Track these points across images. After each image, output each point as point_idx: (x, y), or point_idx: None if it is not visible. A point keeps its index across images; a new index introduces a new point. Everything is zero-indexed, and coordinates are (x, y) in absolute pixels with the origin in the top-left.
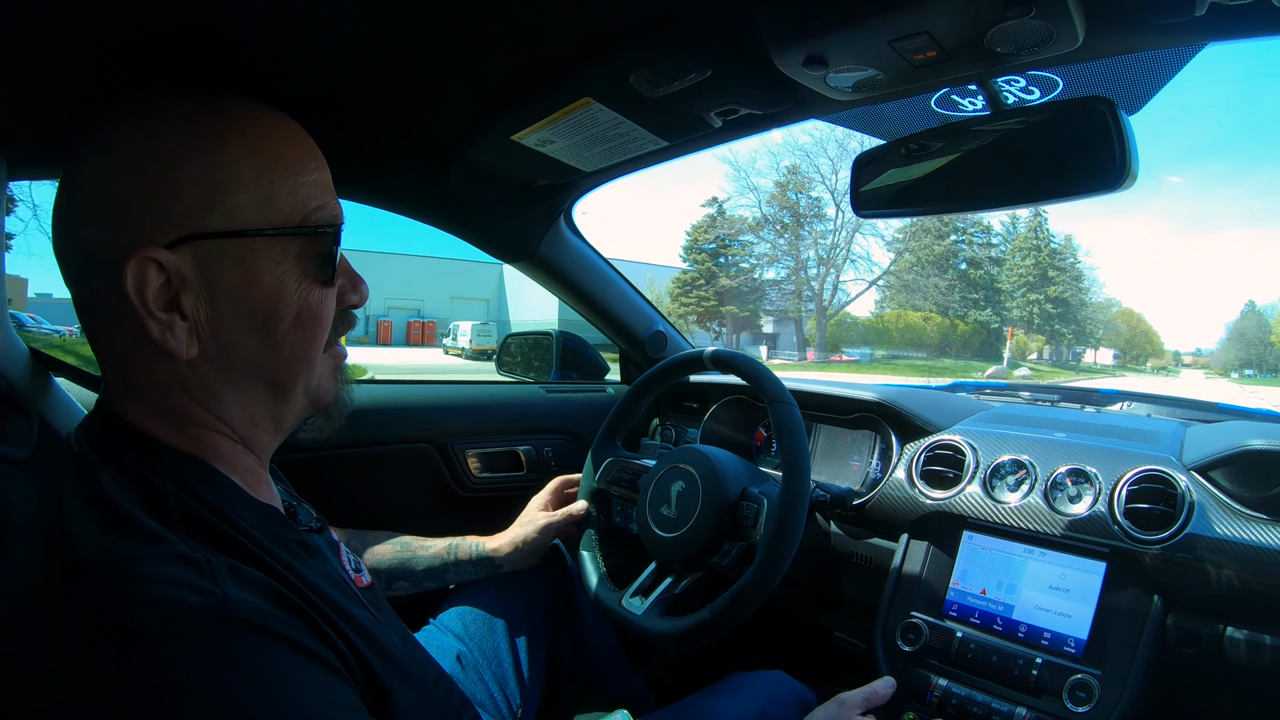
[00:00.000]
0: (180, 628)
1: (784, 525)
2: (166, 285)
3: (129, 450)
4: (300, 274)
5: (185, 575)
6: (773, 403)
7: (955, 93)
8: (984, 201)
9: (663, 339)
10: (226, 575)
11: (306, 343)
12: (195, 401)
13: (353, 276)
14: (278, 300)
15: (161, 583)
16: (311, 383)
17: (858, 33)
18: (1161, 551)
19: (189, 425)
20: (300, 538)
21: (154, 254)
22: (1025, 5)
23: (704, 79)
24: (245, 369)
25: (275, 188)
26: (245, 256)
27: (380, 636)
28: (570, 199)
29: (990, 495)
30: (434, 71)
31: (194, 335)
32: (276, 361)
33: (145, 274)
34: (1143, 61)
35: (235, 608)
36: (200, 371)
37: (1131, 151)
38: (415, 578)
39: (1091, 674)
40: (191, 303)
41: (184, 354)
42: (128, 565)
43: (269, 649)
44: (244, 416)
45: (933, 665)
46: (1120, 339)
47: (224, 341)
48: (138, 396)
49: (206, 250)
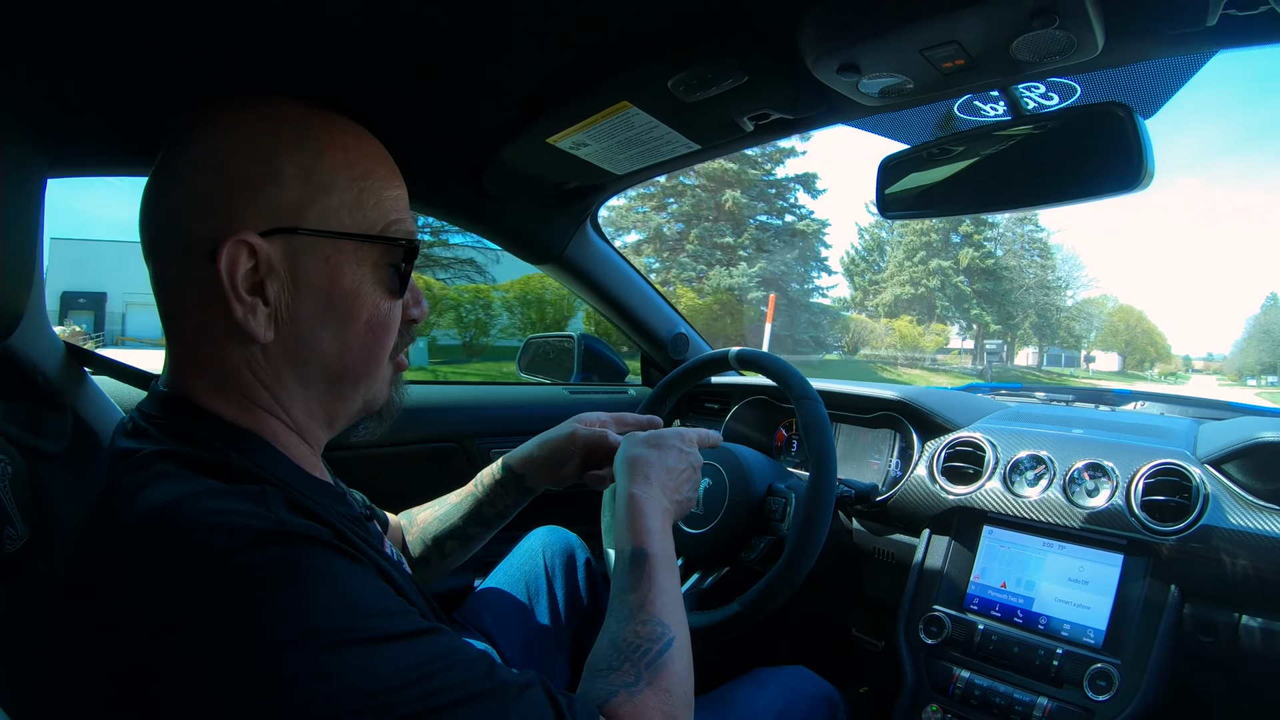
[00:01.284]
0: (242, 543)
1: (813, 516)
2: (254, 270)
3: (190, 423)
4: (375, 280)
5: (242, 505)
6: (799, 399)
7: (978, 99)
8: (1006, 202)
9: (685, 341)
10: (281, 505)
11: (375, 346)
12: (261, 385)
13: (415, 293)
14: (354, 301)
15: (220, 513)
16: (372, 387)
17: (892, 41)
18: (1178, 542)
19: (250, 405)
20: (355, 514)
21: (249, 238)
22: (1049, 16)
23: (740, 84)
24: (315, 361)
25: (365, 196)
26: (331, 255)
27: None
28: (598, 202)
29: (1010, 490)
30: (473, 73)
31: (273, 321)
32: (345, 359)
33: (238, 257)
34: (1157, 68)
35: (291, 526)
36: (273, 357)
37: (1148, 154)
38: (459, 532)
39: (1111, 663)
40: (275, 290)
41: (261, 337)
42: (189, 509)
43: (326, 555)
44: (303, 407)
45: (955, 658)
46: (1118, 340)
47: (299, 331)
48: (204, 375)
49: (297, 243)
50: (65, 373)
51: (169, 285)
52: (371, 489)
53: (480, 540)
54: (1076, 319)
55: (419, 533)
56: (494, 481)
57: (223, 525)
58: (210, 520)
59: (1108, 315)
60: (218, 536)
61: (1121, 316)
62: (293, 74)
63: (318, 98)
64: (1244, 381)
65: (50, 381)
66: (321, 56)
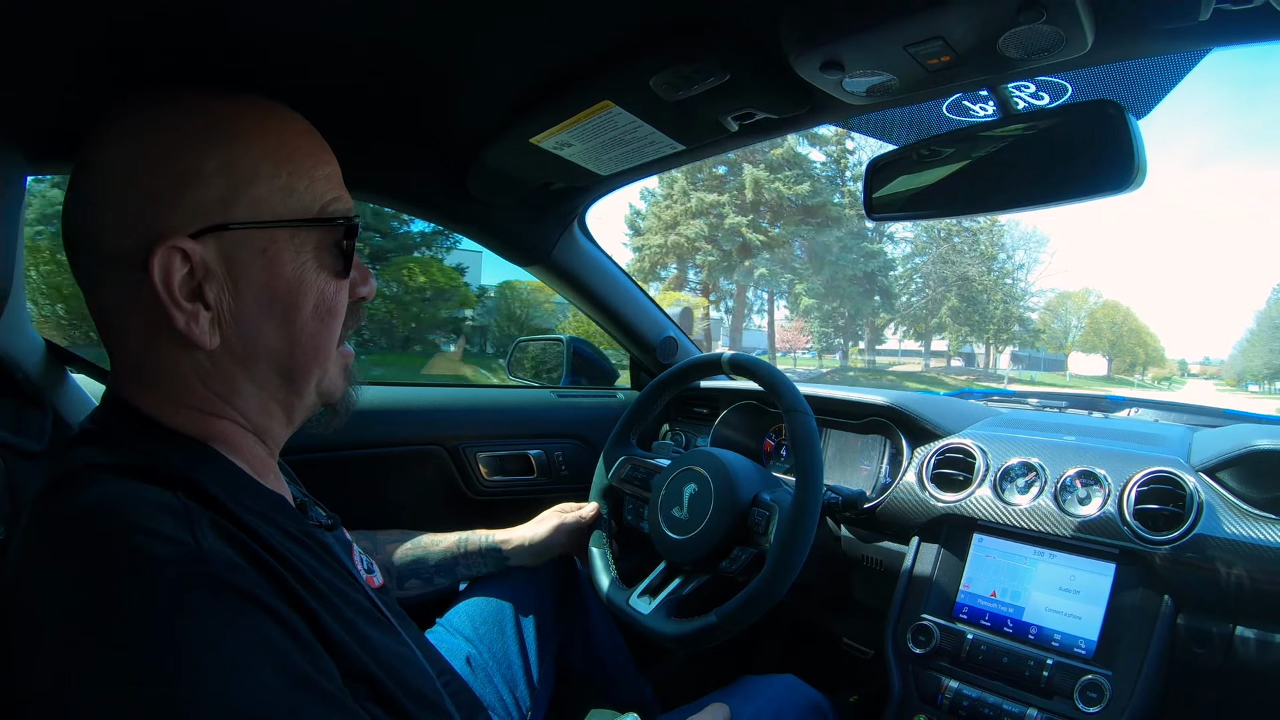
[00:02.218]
0: (144, 577)
1: (794, 535)
2: (190, 275)
3: (137, 433)
4: (318, 264)
5: (162, 523)
6: (789, 411)
7: (967, 98)
8: (997, 204)
9: (674, 344)
10: (207, 528)
11: (323, 334)
12: (212, 391)
13: (362, 270)
14: (298, 290)
15: (138, 530)
16: (324, 378)
17: (874, 37)
18: (1171, 552)
19: (202, 413)
20: (306, 528)
21: (180, 243)
22: (1037, 10)
23: (722, 83)
24: (264, 359)
25: (294, 179)
26: (267, 246)
27: (380, 636)
28: (585, 204)
29: (1000, 497)
30: (454, 73)
31: (216, 325)
32: (294, 352)
33: (171, 264)
34: (1149, 67)
35: (205, 561)
36: (221, 362)
37: (1140, 153)
38: (427, 574)
39: (1103, 674)
40: (215, 292)
41: (207, 344)
42: (112, 510)
43: (231, 606)
44: (258, 407)
45: (944, 667)
46: (1102, 340)
47: (245, 331)
48: (151, 385)
49: (230, 240)
50: (45, 370)
51: (103, 299)
52: (355, 493)
53: (439, 588)
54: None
55: (384, 560)
56: (478, 552)
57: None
58: (130, 539)
59: (1089, 312)
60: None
61: (1106, 314)
62: (272, 74)
63: (294, 98)
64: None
65: (30, 379)
66: (302, 56)
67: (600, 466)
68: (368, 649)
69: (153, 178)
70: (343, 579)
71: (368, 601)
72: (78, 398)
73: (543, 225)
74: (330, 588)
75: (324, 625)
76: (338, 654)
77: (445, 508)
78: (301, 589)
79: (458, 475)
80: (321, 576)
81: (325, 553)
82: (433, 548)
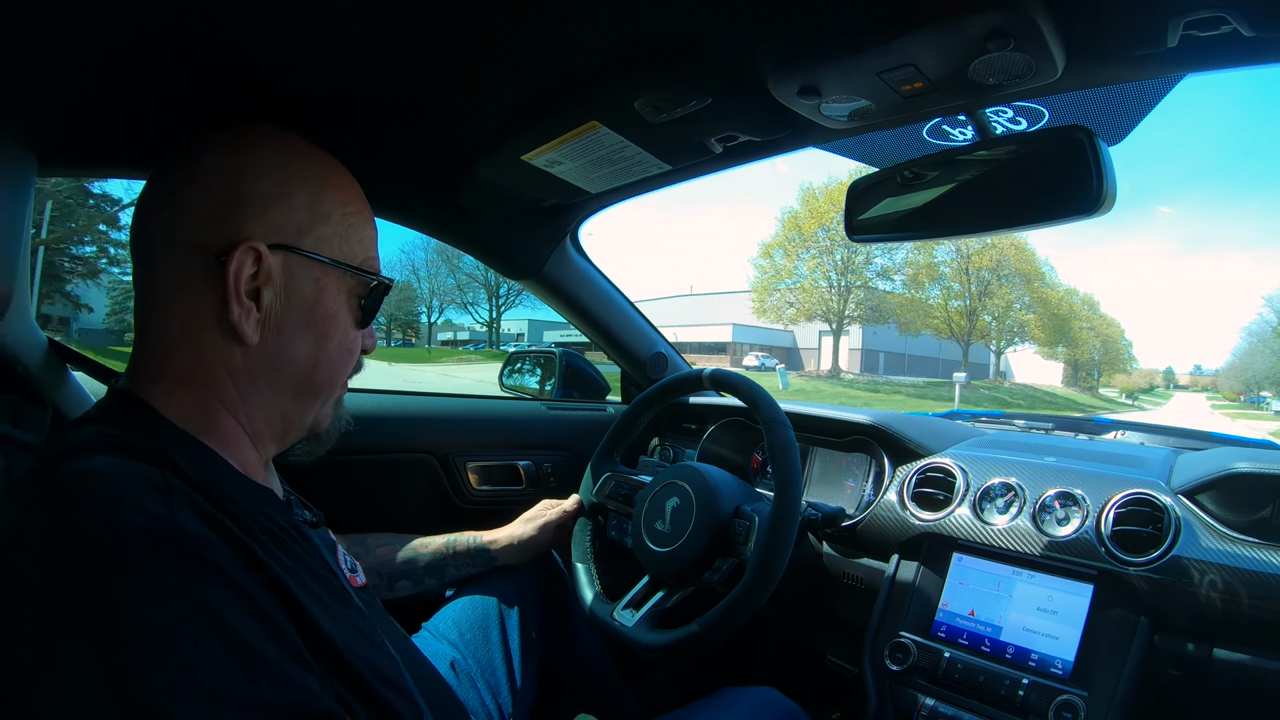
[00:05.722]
0: (115, 544)
1: (774, 542)
2: (254, 277)
3: (135, 420)
4: (349, 308)
5: (141, 496)
6: (767, 422)
7: (946, 123)
8: (971, 226)
9: (664, 360)
10: (185, 505)
11: (341, 367)
12: (232, 383)
13: (370, 328)
14: (333, 323)
15: (116, 501)
16: (328, 404)
17: (848, 64)
18: (1148, 573)
19: (212, 403)
20: (292, 521)
21: (258, 246)
22: (1004, 39)
23: (704, 106)
24: (289, 370)
25: (351, 232)
26: (320, 278)
27: (355, 627)
28: (577, 220)
29: (979, 517)
30: (448, 90)
31: (260, 327)
32: (315, 373)
33: (245, 262)
34: (1124, 93)
35: (177, 534)
36: (252, 360)
37: (1109, 178)
38: (416, 575)
39: (1078, 695)
40: (270, 298)
41: (250, 339)
42: (94, 481)
43: (195, 579)
44: (263, 414)
45: (920, 685)
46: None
47: (282, 340)
48: (171, 372)
49: (295, 261)
50: (46, 367)
51: (159, 284)
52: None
53: (428, 589)
54: None
55: (375, 562)
56: (466, 552)
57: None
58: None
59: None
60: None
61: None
62: (272, 87)
63: (296, 112)
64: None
65: (32, 375)
66: (300, 71)
67: (586, 479)
68: (343, 637)
69: (248, 188)
70: (325, 571)
71: (346, 594)
72: (78, 395)
73: (535, 240)
74: (311, 575)
75: (301, 607)
76: (312, 637)
77: (434, 516)
78: (280, 570)
79: (447, 484)
80: (303, 563)
81: (309, 545)
82: (422, 550)
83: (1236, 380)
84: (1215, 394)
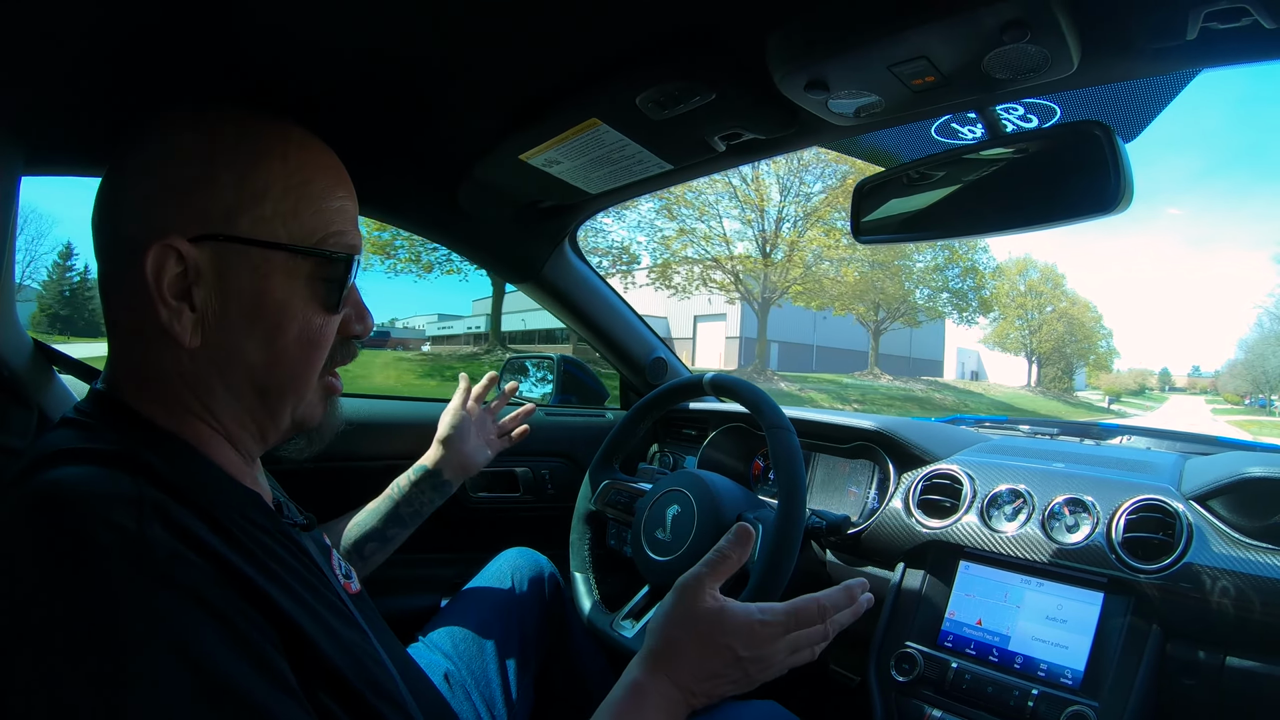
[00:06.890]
0: (81, 562)
1: (779, 550)
2: (182, 275)
3: (114, 423)
4: (309, 294)
5: (110, 510)
6: (771, 428)
7: (955, 120)
8: (986, 226)
9: (663, 365)
10: (154, 518)
11: (304, 362)
12: (189, 390)
13: (359, 308)
14: (283, 314)
15: (85, 515)
16: (300, 405)
17: (858, 57)
18: (1160, 581)
19: (181, 410)
20: (281, 526)
21: (176, 243)
22: (1021, 30)
23: (708, 102)
24: (241, 371)
25: (301, 205)
26: (261, 265)
27: (348, 634)
28: (575, 222)
29: (987, 525)
30: (445, 88)
31: (199, 328)
32: (272, 372)
33: (165, 261)
34: (1138, 89)
35: (146, 550)
36: (200, 363)
37: (1127, 175)
38: (378, 534)
39: (1089, 705)
40: (202, 296)
41: (186, 342)
42: (64, 494)
43: (162, 600)
44: (233, 417)
45: (927, 696)
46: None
47: (226, 340)
48: (136, 378)
49: (227, 251)
50: (33, 369)
51: (108, 290)
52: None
53: (398, 540)
54: None
55: (338, 540)
56: (409, 483)
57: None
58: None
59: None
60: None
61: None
62: (266, 86)
63: (291, 110)
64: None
65: (17, 377)
66: (296, 68)
67: (585, 487)
68: (335, 644)
69: (169, 178)
70: (316, 577)
71: (339, 602)
72: (64, 398)
73: (534, 243)
74: (300, 581)
75: (288, 620)
76: (300, 650)
77: (430, 522)
78: (263, 581)
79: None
80: (292, 570)
81: (299, 550)
82: (372, 509)
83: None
84: (1216, 396)
